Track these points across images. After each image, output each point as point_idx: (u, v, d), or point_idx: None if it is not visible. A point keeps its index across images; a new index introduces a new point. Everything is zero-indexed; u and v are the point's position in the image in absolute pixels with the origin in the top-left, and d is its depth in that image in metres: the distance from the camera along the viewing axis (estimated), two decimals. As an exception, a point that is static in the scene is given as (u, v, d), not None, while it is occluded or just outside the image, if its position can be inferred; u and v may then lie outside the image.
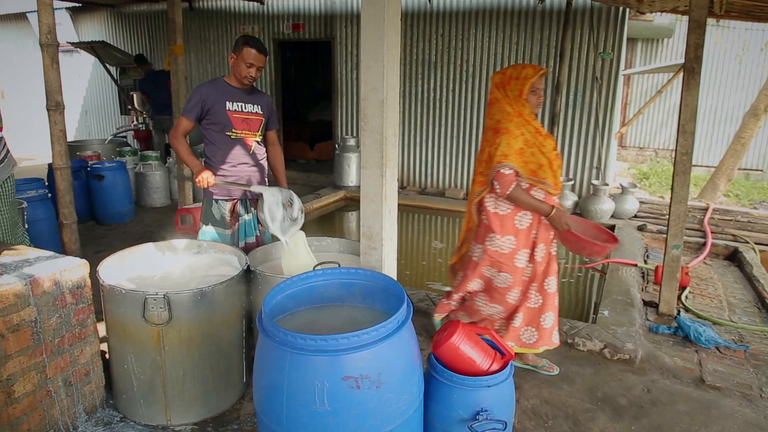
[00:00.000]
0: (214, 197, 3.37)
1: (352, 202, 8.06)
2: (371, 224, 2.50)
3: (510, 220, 2.95)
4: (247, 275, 2.87)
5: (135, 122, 9.62)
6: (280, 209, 3.10)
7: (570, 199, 7.04)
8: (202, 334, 2.62)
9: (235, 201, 3.40)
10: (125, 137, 10.02)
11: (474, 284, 3.12)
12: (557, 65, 7.16)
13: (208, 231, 3.37)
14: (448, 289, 3.59)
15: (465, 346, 2.21)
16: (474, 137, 7.97)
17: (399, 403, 1.88)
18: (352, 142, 8.27)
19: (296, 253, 2.98)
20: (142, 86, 8.29)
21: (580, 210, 7.00)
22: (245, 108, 3.31)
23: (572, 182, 7.20)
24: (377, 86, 2.30)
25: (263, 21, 9.22)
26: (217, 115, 3.22)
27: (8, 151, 3.18)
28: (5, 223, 3.09)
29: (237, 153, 3.32)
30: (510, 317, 3.09)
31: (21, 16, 12.45)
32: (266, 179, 3.57)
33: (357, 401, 1.78)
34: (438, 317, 3.38)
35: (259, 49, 3.19)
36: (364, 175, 2.47)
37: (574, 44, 7.06)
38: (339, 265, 2.54)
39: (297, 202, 3.23)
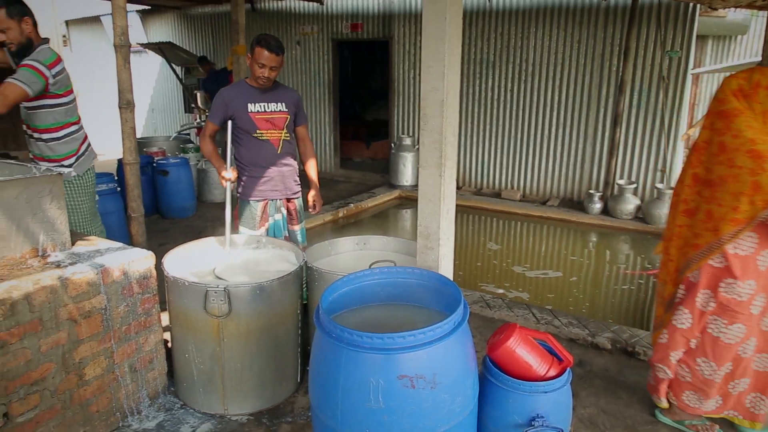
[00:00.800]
0: (246, 198, 3.42)
1: (407, 202, 8.07)
2: (428, 224, 2.49)
3: (753, 261, 2.38)
4: (304, 271, 2.92)
5: (197, 120, 9.95)
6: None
7: (632, 203, 6.80)
8: (259, 328, 2.68)
9: (266, 201, 3.43)
10: (188, 134, 10.38)
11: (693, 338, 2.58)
12: (621, 64, 6.93)
13: (243, 230, 3.42)
14: (500, 291, 3.50)
15: (522, 350, 2.17)
16: (532, 138, 7.81)
17: (453, 404, 1.87)
18: (408, 141, 8.27)
19: None
20: (205, 85, 8.58)
21: (642, 214, 6.74)
22: (267, 108, 3.29)
23: (635, 185, 6.95)
24: (437, 86, 2.29)
25: (322, 21, 9.35)
26: (241, 118, 3.22)
27: (89, 145, 3.35)
28: (84, 213, 3.26)
29: (265, 154, 3.32)
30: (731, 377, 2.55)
31: (96, 20, 13.12)
32: (298, 177, 3.57)
33: (411, 400, 1.78)
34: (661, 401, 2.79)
35: (270, 49, 3.09)
36: (422, 175, 2.47)
37: (640, 42, 6.80)
38: (395, 264, 2.54)
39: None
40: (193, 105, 10.28)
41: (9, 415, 2.21)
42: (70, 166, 3.24)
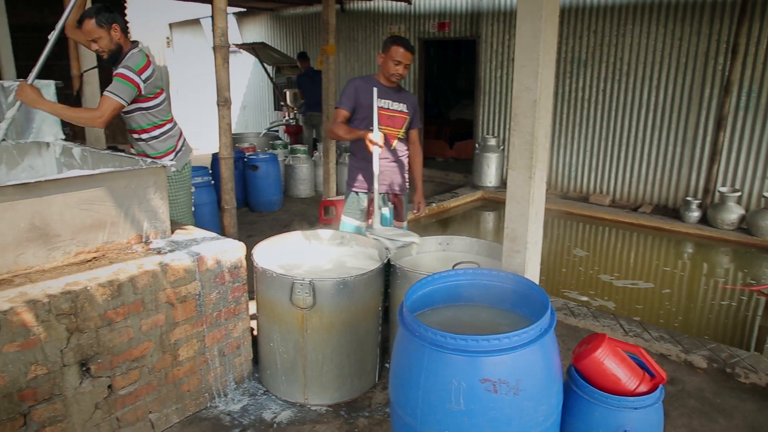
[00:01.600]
0: (354, 189, 3.52)
1: (490, 203, 7.94)
2: (516, 226, 2.43)
3: None
4: (387, 268, 2.94)
5: (286, 118, 10.30)
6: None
7: (735, 213, 6.30)
8: (341, 322, 2.73)
9: (374, 194, 3.50)
10: (277, 131, 10.77)
11: None
12: (727, 62, 6.44)
13: (347, 222, 3.52)
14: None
15: (610, 362, 2.07)
16: (625, 140, 7.44)
17: (536, 413, 1.82)
18: (492, 141, 8.14)
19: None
20: (300, 82, 8.85)
21: (747, 225, 6.24)
22: (392, 106, 3.41)
23: (739, 194, 6.44)
24: (530, 85, 2.23)
25: (409, 20, 9.38)
26: (366, 110, 3.34)
27: (185, 141, 3.56)
28: (181, 206, 3.46)
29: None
30: None
31: (196, 22, 13.90)
32: (406, 176, 3.63)
33: (493, 405, 1.75)
34: None
35: (407, 47, 3.28)
36: (511, 176, 2.42)
37: (751, 39, 6.29)
38: (478, 266, 2.51)
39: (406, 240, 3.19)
40: (282, 103, 10.65)
41: (113, 387, 2.38)
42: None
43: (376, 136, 3.15)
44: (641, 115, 7.26)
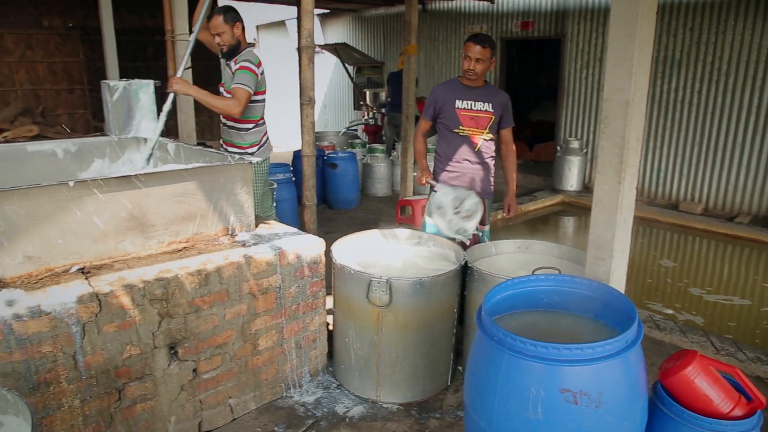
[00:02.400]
0: (436, 190, 3.50)
1: (570, 208, 7.67)
2: (602, 233, 2.34)
3: None
4: (464, 270, 2.91)
5: (365, 117, 10.43)
6: (449, 206, 3.14)
7: None
8: (416, 321, 2.73)
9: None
10: (356, 130, 10.93)
11: None
12: None
13: (429, 223, 3.51)
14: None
15: (701, 381, 1.95)
16: (721, 145, 6.95)
17: (618, 428, 1.74)
18: (575, 144, 7.86)
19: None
20: (390, 80, 8.94)
21: None
22: (474, 106, 3.37)
23: None
24: (623, 86, 2.13)
25: (492, 20, 9.24)
26: (447, 113, 3.35)
27: (268, 138, 3.73)
28: (257, 196, 3.63)
29: (462, 150, 3.40)
30: None
31: (281, 24, 14.36)
32: (492, 177, 3.56)
33: (572, 417, 1.69)
34: None
35: (477, 42, 3.22)
36: (598, 180, 2.32)
37: None
38: (559, 272, 2.43)
39: (470, 202, 3.19)
40: (361, 102, 10.80)
41: (197, 370, 2.51)
42: (252, 154, 3.63)
43: (421, 178, 3.37)
44: (741, 118, 6.76)
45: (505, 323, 2.07)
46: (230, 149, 3.64)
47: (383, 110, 9.20)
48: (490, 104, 3.39)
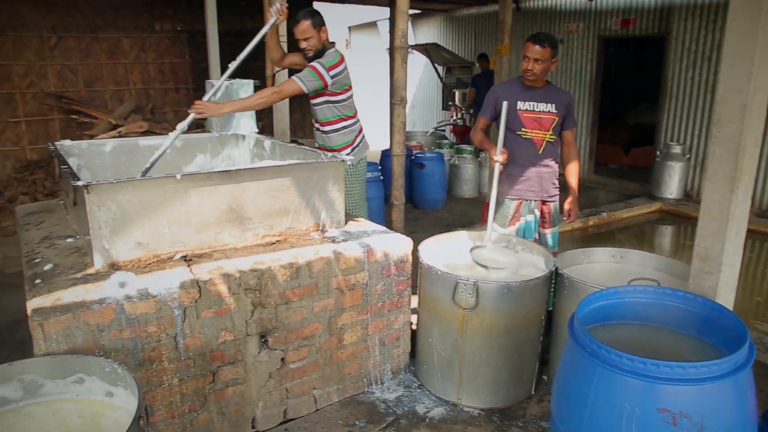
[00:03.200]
0: (499, 195, 3.38)
1: (669, 216, 7.22)
2: (709, 245, 2.18)
3: None
4: (553, 277, 2.83)
5: (454, 117, 10.36)
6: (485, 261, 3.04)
7: None
8: (502, 326, 2.68)
9: (521, 201, 3.37)
10: (444, 131, 10.88)
11: None
12: None
13: (495, 227, 3.41)
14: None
15: (822, 413, 1.77)
16: None
17: (722, 456, 1.62)
18: (677, 149, 7.39)
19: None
20: (475, 82, 8.86)
21: None
22: (536, 107, 3.25)
23: None
24: (741, 88, 1.98)
25: (589, 18, 8.87)
26: (509, 114, 3.20)
27: (363, 137, 3.75)
28: (354, 198, 3.66)
29: (526, 152, 3.28)
30: None
31: (372, 25, 14.58)
32: (556, 179, 3.43)
33: (670, 439, 1.59)
34: None
35: (536, 42, 3.11)
36: (707, 189, 2.17)
37: None
38: (658, 284, 2.30)
39: (501, 272, 2.98)
40: (450, 103, 10.74)
41: (285, 360, 2.60)
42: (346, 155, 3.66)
43: (498, 156, 3.12)
44: None
45: (599, 334, 1.99)
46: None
47: (471, 111, 9.11)
48: (554, 105, 3.25)
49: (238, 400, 2.51)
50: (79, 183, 2.19)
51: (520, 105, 3.25)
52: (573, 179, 3.44)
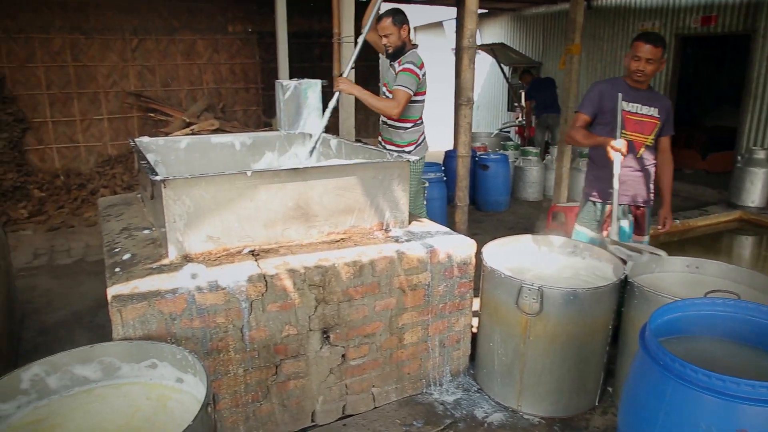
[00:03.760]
0: (591, 198, 3.32)
1: (750, 226, 6.80)
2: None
3: None
4: (622, 286, 2.72)
5: (519, 119, 10.17)
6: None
7: None
8: (566, 334, 2.61)
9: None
10: (508, 132, 10.70)
11: None
12: None
13: (580, 231, 3.34)
14: None
15: None
16: None
17: (808, 485, 1.50)
18: (761, 154, 6.95)
19: None
20: (531, 94, 8.77)
21: None
22: (641, 110, 3.15)
23: None
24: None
25: (665, 15, 8.49)
26: (609, 115, 3.13)
27: (425, 137, 3.79)
28: (411, 195, 3.69)
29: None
30: None
31: (438, 25, 14.52)
32: (651, 186, 3.30)
33: (750, 463, 1.49)
34: None
35: (648, 41, 3.00)
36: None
37: None
38: (739, 298, 2.16)
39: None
40: (515, 104, 10.55)
41: (345, 356, 2.63)
42: (409, 152, 3.72)
43: (619, 143, 2.95)
44: None
45: (671, 347, 1.89)
46: (388, 147, 3.77)
47: (535, 112, 8.95)
48: (657, 109, 3.15)
49: (299, 393, 2.56)
50: (157, 178, 2.30)
51: (624, 106, 3.13)
52: (667, 187, 3.37)
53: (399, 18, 3.51)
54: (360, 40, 3.45)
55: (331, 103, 3.36)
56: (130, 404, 1.87)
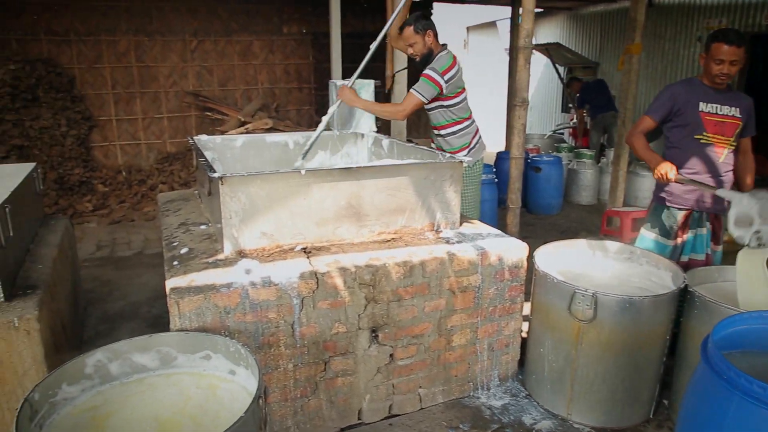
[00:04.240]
0: (667, 203, 3.15)
1: (821, 236, 6.41)
2: None
3: None
4: (681, 294, 2.62)
5: (573, 120, 9.93)
6: (754, 220, 2.52)
7: None
8: (620, 342, 2.53)
9: (690, 211, 3.11)
10: (562, 133, 10.47)
11: None
12: None
13: (647, 237, 3.20)
14: None
15: None
16: None
17: None
18: (835, 160, 6.55)
19: (755, 279, 2.48)
20: (584, 100, 8.52)
21: None
22: (721, 110, 2.98)
23: None
24: None
25: (733, 12, 8.10)
26: (688, 116, 2.99)
27: (480, 138, 3.70)
28: (468, 200, 3.62)
29: (704, 159, 3.01)
30: None
31: (492, 25, 14.35)
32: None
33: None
34: None
35: (728, 41, 2.84)
36: None
37: None
38: (811, 311, 2.04)
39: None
40: (570, 105, 10.30)
41: (393, 356, 2.64)
42: None
43: (665, 168, 2.84)
44: None
45: (736, 362, 1.81)
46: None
47: (590, 114, 8.71)
48: (738, 109, 2.98)
49: (347, 390, 2.58)
50: (215, 175, 2.37)
51: (702, 107, 2.99)
52: (749, 190, 3.10)
53: (421, 24, 3.41)
54: (373, 46, 3.41)
55: (332, 109, 3.36)
56: (181, 393, 1.94)
